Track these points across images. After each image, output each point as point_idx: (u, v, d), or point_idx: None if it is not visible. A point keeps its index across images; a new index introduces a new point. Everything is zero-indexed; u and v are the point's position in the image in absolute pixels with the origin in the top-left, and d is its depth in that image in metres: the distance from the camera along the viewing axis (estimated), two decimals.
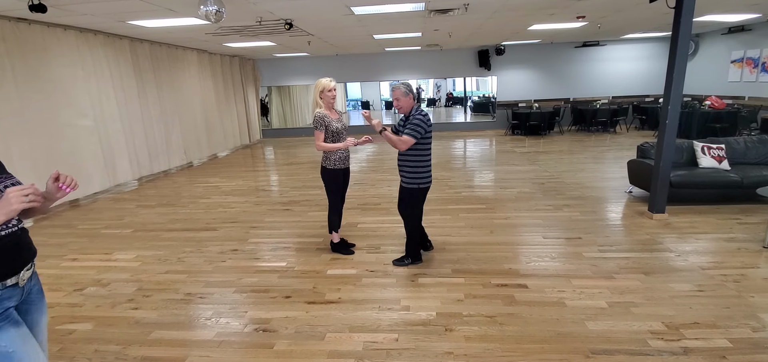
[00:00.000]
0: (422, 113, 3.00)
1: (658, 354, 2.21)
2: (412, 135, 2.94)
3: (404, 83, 3.03)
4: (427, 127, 2.96)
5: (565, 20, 6.90)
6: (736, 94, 8.73)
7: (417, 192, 3.16)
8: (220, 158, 9.27)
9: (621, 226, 4.11)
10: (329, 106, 3.32)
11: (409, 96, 3.03)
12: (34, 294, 1.52)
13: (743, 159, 4.87)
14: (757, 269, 3.12)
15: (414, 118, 2.98)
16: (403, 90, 3.00)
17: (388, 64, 11.43)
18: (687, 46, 3.91)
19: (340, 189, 3.53)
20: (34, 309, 1.52)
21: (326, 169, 3.40)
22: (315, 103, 3.30)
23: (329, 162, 3.37)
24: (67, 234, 4.54)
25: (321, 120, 3.24)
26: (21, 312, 1.47)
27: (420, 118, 2.96)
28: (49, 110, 5.21)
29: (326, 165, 3.39)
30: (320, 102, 3.27)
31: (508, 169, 6.83)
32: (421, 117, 2.97)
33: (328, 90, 3.26)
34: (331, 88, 3.26)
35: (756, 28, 8.17)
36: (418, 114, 2.99)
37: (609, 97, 11.18)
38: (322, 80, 3.27)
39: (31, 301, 1.51)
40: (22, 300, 1.46)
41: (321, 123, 3.24)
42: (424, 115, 2.98)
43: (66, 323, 2.74)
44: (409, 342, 2.40)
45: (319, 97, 3.27)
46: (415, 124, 2.95)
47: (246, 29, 6.17)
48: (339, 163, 3.39)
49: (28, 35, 4.96)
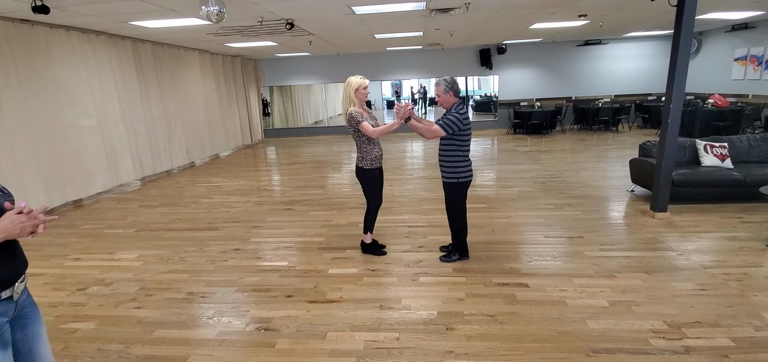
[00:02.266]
0: (460, 111, 3.03)
1: (660, 353, 2.21)
2: (443, 127, 3.00)
3: (445, 80, 3.05)
4: (462, 125, 3.00)
5: (567, 19, 6.88)
6: (740, 92, 8.69)
7: (458, 187, 3.19)
8: (222, 158, 9.30)
9: (623, 225, 4.10)
10: (361, 105, 3.27)
11: (450, 93, 3.05)
12: (27, 308, 1.48)
13: (746, 157, 4.85)
14: (759, 268, 3.10)
15: (451, 114, 3.03)
16: (444, 86, 3.04)
17: (390, 64, 11.43)
18: (689, 44, 3.89)
19: (380, 189, 3.47)
20: (30, 322, 1.47)
21: (363, 169, 3.33)
22: (349, 101, 3.21)
23: (366, 162, 3.29)
24: (70, 233, 4.57)
25: (359, 115, 3.18)
26: (16, 327, 1.43)
27: (456, 115, 3.01)
28: (52, 111, 5.24)
29: (363, 165, 3.31)
30: (354, 99, 3.21)
31: (510, 168, 6.82)
32: (457, 114, 3.01)
33: (364, 88, 3.20)
34: (365, 86, 3.21)
35: (760, 25, 8.11)
36: (456, 111, 3.03)
37: (611, 95, 11.14)
38: (355, 78, 3.19)
39: (26, 315, 1.47)
40: (15, 315, 1.42)
41: (360, 117, 3.17)
42: (461, 114, 3.02)
43: (69, 322, 2.76)
44: (410, 341, 2.41)
45: (354, 95, 3.20)
46: (451, 120, 3.00)
47: (247, 29, 6.18)
48: (376, 161, 3.32)
49: (32, 36, 4.99)
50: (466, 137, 3.08)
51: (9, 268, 1.37)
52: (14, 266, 1.39)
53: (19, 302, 1.43)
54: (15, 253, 1.40)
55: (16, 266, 1.39)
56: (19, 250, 1.42)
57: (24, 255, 1.46)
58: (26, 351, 1.46)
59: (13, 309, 1.40)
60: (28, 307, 1.48)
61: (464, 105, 3.09)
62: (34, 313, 1.50)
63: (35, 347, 1.48)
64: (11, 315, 1.40)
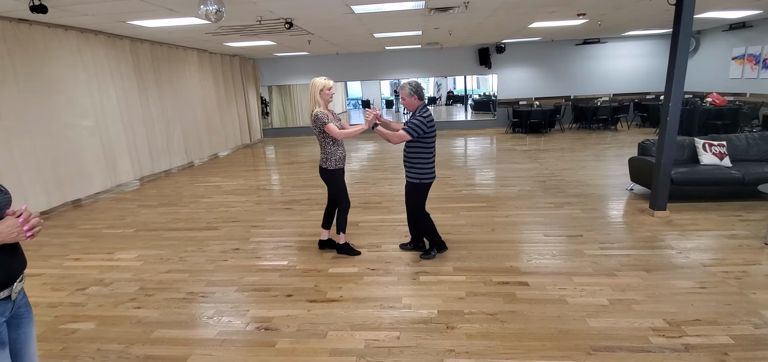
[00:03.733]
0: (425, 114, 3.07)
1: (660, 350, 2.21)
2: (408, 132, 3.04)
3: (409, 83, 3.09)
4: (426, 128, 3.05)
5: (566, 18, 6.89)
6: (738, 90, 8.71)
7: (421, 187, 3.25)
8: (221, 157, 9.28)
9: (622, 224, 4.11)
10: (326, 105, 3.32)
11: (414, 97, 3.10)
12: (22, 308, 1.48)
13: (745, 156, 4.86)
14: (758, 266, 3.11)
15: (415, 117, 3.08)
16: (408, 90, 3.08)
17: (389, 63, 11.43)
18: (688, 43, 3.90)
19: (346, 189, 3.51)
20: (24, 322, 1.48)
21: (328, 170, 3.36)
22: (314, 102, 3.26)
23: (331, 163, 3.33)
24: (69, 234, 4.55)
25: (325, 116, 3.21)
26: (12, 327, 1.43)
27: (421, 118, 3.05)
28: (50, 111, 5.22)
29: (328, 166, 3.35)
30: (319, 100, 3.26)
31: (509, 167, 6.82)
32: (422, 118, 3.06)
33: (328, 88, 3.25)
34: (329, 86, 3.26)
35: (757, 24, 8.14)
36: (420, 114, 3.07)
37: (610, 94, 11.16)
38: (320, 79, 3.25)
39: (21, 315, 1.47)
40: (12, 315, 1.42)
41: (326, 118, 3.21)
42: (426, 117, 3.07)
43: (69, 322, 2.75)
44: (410, 340, 2.41)
45: (319, 96, 3.25)
46: (415, 124, 3.04)
47: (246, 28, 6.17)
48: (340, 162, 3.37)
49: (30, 36, 4.97)
50: (431, 139, 3.13)
51: (8, 269, 1.37)
52: (13, 266, 1.39)
53: (16, 302, 1.43)
54: (14, 254, 1.40)
55: (14, 266, 1.39)
56: (18, 251, 1.42)
57: (24, 255, 1.46)
58: (17, 350, 1.47)
59: (9, 309, 1.40)
60: (23, 307, 1.48)
61: (427, 107, 3.15)
62: (28, 313, 1.51)
63: (25, 347, 1.49)
64: (8, 315, 1.40)
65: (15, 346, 1.45)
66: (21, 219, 1.30)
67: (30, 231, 1.32)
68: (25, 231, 1.30)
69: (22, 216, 1.31)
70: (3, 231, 1.26)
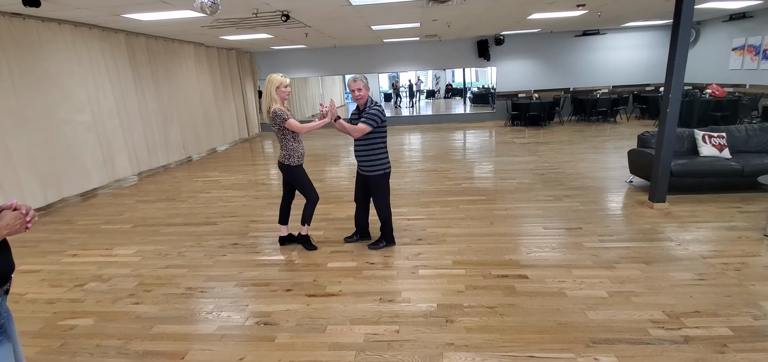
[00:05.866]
0: (378, 106, 3.23)
1: (659, 342, 2.21)
2: (368, 123, 3.17)
3: (363, 76, 3.26)
4: (382, 118, 3.22)
5: (565, 9, 6.84)
6: (738, 82, 8.68)
7: (383, 178, 3.37)
8: (219, 152, 9.24)
9: (621, 216, 4.11)
10: (282, 102, 3.35)
11: (368, 90, 3.26)
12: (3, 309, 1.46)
13: (744, 147, 4.86)
14: (757, 257, 3.11)
15: (370, 109, 3.20)
16: (364, 83, 3.23)
17: (387, 56, 11.35)
18: (688, 34, 3.87)
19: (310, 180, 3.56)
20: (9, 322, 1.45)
21: (291, 166, 3.40)
22: (270, 99, 3.29)
23: (293, 159, 3.38)
24: (67, 230, 4.54)
25: (283, 112, 3.27)
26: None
27: (376, 109, 3.20)
28: (46, 106, 5.17)
29: (291, 163, 3.39)
30: (275, 97, 3.29)
31: (508, 160, 6.81)
32: (377, 109, 3.21)
33: (285, 86, 3.30)
34: (286, 83, 3.31)
35: (757, 14, 8.09)
36: (374, 106, 3.22)
37: (609, 86, 11.12)
38: (277, 76, 3.28)
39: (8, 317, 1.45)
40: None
41: (285, 114, 3.27)
42: (379, 108, 3.22)
43: (67, 318, 2.74)
44: (410, 333, 2.41)
45: (275, 93, 3.28)
46: (372, 115, 3.18)
47: (242, 21, 6.11)
48: (301, 158, 3.43)
49: (24, 30, 4.91)
50: (384, 131, 3.30)
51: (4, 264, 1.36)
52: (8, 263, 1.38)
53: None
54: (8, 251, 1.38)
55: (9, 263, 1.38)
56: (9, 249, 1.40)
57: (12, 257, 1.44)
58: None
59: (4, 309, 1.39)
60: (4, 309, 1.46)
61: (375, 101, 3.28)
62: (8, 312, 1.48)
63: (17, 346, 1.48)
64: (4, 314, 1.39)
65: None
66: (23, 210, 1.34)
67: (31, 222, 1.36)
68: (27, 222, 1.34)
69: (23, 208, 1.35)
70: (10, 224, 1.29)
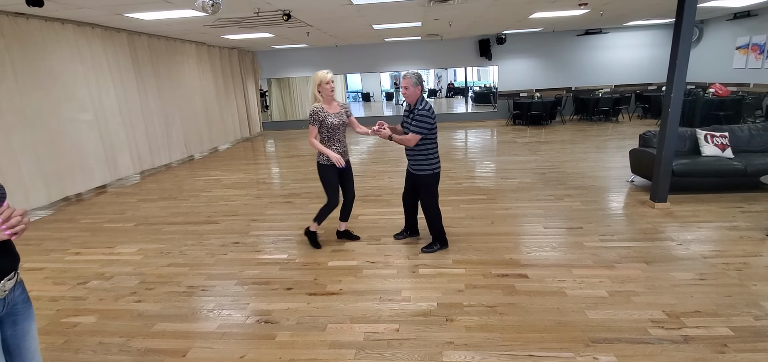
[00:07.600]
0: (427, 107, 3.05)
1: (659, 342, 2.21)
2: (419, 131, 3.05)
3: (415, 73, 3.09)
4: (431, 121, 3.05)
5: (567, 7, 6.82)
6: (741, 80, 8.63)
7: (432, 178, 3.24)
8: (221, 151, 9.27)
9: (622, 216, 4.10)
10: (328, 100, 3.25)
11: (418, 87, 3.09)
12: (19, 305, 1.44)
13: (747, 147, 4.83)
14: (759, 257, 3.10)
15: (418, 113, 3.05)
16: (414, 80, 3.06)
17: (388, 55, 11.35)
18: (691, 33, 3.85)
19: (338, 184, 3.44)
20: (21, 319, 1.45)
21: (319, 164, 3.36)
22: (313, 97, 3.25)
23: (323, 157, 3.31)
24: (70, 228, 4.57)
25: (315, 115, 3.20)
26: (6, 324, 1.41)
27: (424, 112, 3.03)
28: (49, 105, 5.20)
29: (320, 160, 3.34)
30: (318, 96, 3.22)
31: (510, 160, 6.80)
32: (425, 111, 3.03)
33: (326, 82, 3.18)
34: (328, 80, 3.18)
35: (762, 13, 8.04)
36: (422, 109, 3.04)
37: (611, 85, 11.08)
38: (320, 73, 3.20)
39: (18, 312, 1.43)
40: (5, 313, 1.39)
41: (315, 118, 3.20)
42: (428, 110, 3.04)
43: (70, 316, 2.76)
44: (410, 332, 2.41)
45: (318, 91, 3.22)
46: (420, 121, 3.04)
47: (244, 21, 6.12)
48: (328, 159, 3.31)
49: (27, 30, 4.94)
50: (434, 132, 3.15)
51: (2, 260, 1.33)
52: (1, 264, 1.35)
53: (9, 299, 1.40)
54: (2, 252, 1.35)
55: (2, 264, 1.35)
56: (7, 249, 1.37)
57: (15, 252, 1.41)
58: (15, 346, 1.45)
59: (1, 308, 1.37)
60: (20, 304, 1.45)
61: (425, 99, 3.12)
62: (26, 310, 1.47)
63: (24, 342, 1.47)
64: (1, 314, 1.39)
65: (12, 342, 1.44)
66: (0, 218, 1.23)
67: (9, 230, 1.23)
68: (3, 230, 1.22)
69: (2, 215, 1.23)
70: None
